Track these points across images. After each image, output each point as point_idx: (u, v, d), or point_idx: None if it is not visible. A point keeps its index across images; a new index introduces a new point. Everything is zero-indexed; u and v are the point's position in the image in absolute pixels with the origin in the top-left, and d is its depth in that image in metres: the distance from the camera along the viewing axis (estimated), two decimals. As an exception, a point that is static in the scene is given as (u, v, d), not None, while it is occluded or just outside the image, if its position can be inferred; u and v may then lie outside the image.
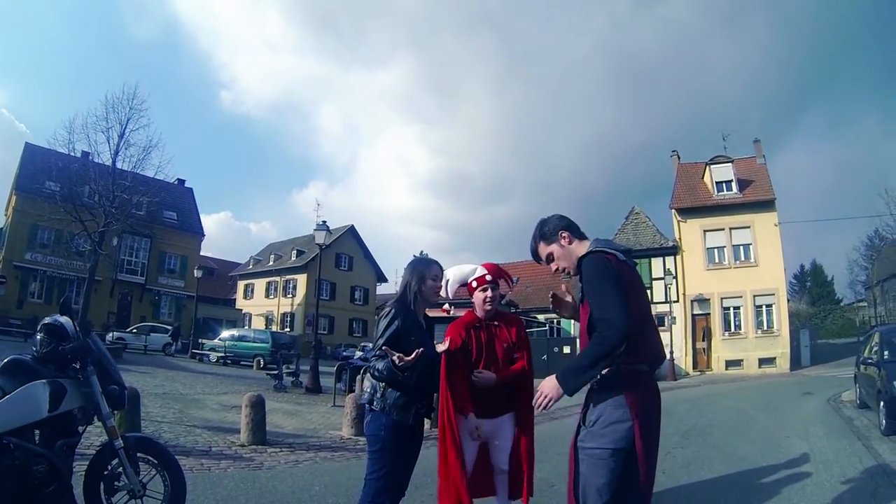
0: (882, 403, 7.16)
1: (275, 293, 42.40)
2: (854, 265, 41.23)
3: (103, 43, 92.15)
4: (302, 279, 40.29)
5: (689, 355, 23.70)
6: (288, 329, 38.79)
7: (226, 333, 24.84)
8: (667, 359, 2.68)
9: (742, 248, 23.86)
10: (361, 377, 8.09)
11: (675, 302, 23.02)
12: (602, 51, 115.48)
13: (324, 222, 14.62)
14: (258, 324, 39.87)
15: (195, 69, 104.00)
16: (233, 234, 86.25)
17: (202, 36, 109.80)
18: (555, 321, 28.37)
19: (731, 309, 23.70)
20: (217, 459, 5.32)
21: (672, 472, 5.00)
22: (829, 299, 46.88)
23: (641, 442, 1.95)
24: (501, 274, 2.89)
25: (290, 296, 40.79)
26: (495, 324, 2.86)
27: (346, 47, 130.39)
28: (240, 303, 44.83)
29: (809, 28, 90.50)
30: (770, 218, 23.36)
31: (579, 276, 2.10)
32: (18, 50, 71.60)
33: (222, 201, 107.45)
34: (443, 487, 2.70)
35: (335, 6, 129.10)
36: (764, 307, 23.24)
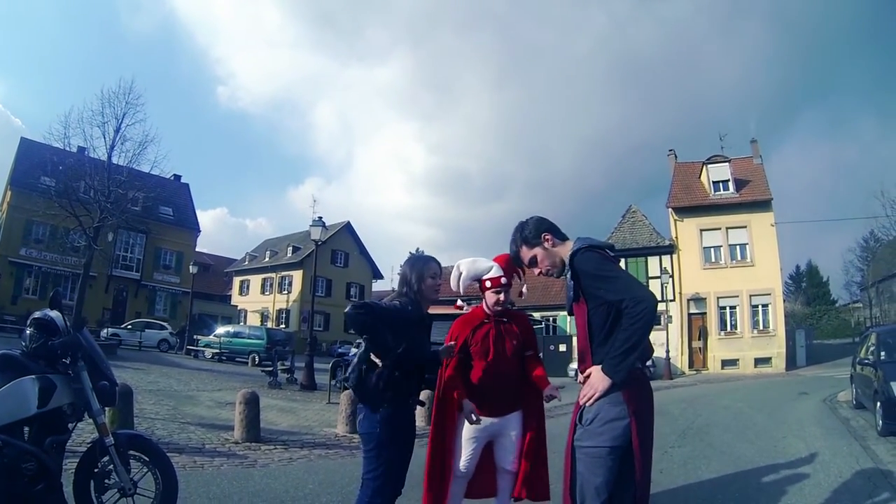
0: (879, 404, 7.17)
1: (270, 289, 42.35)
2: (850, 266, 41.49)
3: (100, 37, 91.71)
4: (297, 276, 40.30)
5: (686, 354, 23.80)
6: (283, 326, 38.82)
7: (221, 330, 24.84)
8: (654, 353, 2.75)
9: (738, 247, 23.94)
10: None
11: (671, 301, 23.06)
12: (601, 50, 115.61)
13: (319, 218, 14.45)
14: (253, 320, 39.80)
15: (192, 64, 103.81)
16: (229, 230, 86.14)
17: (199, 31, 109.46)
18: (550, 319, 28.43)
19: (728, 308, 23.79)
20: (210, 457, 5.29)
21: (669, 472, 4.98)
22: (825, 300, 47.05)
23: (638, 439, 1.95)
24: (515, 270, 2.84)
25: (286, 292, 40.75)
26: (504, 320, 2.84)
27: (343, 43, 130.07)
28: (235, 299, 44.75)
29: (807, 29, 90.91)
30: (766, 218, 23.44)
31: (570, 276, 2.10)
32: (14, 44, 71.13)
33: (218, 197, 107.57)
34: (427, 485, 2.72)
35: (333, 1, 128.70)
36: (760, 307, 23.34)
